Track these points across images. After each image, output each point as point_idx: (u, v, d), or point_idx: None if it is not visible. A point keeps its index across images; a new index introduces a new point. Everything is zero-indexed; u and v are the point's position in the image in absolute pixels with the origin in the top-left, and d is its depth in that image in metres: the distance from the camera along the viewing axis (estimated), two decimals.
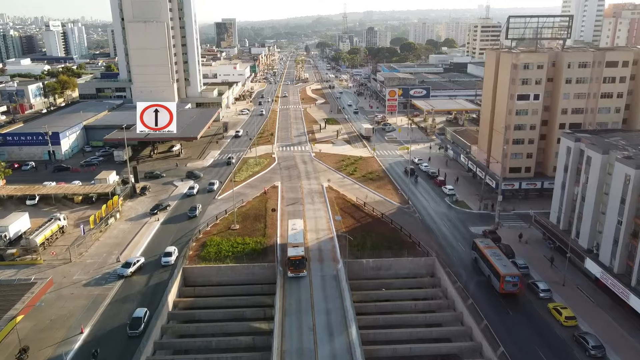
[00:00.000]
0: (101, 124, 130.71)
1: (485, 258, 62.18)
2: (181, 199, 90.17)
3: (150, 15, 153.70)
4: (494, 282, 59.21)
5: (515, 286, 56.88)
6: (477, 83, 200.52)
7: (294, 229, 69.02)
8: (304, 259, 61.34)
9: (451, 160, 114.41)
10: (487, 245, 64.50)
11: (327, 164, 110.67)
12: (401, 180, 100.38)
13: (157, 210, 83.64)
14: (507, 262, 59.54)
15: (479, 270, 64.66)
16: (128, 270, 62.79)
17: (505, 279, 56.72)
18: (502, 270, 57.58)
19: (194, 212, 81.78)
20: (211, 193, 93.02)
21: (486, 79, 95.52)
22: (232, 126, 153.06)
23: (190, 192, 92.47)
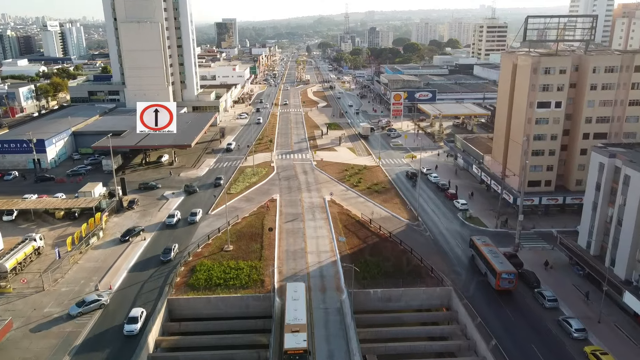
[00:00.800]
0: (91, 130, 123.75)
1: (482, 255, 62.69)
2: (159, 230, 76.65)
3: (144, 15, 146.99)
4: (490, 279, 59.93)
5: (511, 283, 57.93)
6: (485, 86, 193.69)
7: (294, 297, 51.96)
8: (306, 353, 45.20)
9: (461, 169, 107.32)
10: (485, 242, 65.01)
11: (330, 174, 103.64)
12: (409, 192, 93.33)
13: (128, 236, 73.17)
14: (503, 260, 60.30)
15: (476, 269, 64.58)
16: (79, 309, 54.14)
17: (502, 276, 57.53)
18: (498, 267, 58.30)
19: (168, 255, 66.81)
20: (192, 225, 78.21)
21: (501, 84, 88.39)
22: (229, 131, 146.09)
23: (170, 222, 78.21)
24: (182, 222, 79.58)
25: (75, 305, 54.97)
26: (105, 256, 68.31)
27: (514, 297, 58.32)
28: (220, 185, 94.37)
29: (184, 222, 79.72)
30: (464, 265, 66.28)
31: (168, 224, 78.36)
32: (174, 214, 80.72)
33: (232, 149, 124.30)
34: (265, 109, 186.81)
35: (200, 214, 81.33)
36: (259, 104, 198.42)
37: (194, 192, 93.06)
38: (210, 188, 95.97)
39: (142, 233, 75.25)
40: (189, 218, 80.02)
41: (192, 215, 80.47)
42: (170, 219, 79.15)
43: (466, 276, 63.27)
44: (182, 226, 78.39)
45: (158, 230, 77.17)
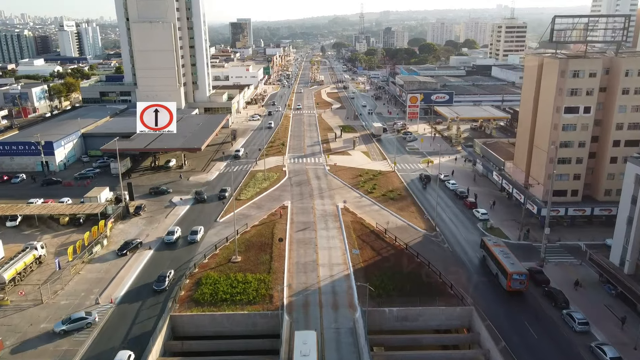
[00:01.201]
0: (101, 132, 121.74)
1: (493, 256, 62.27)
2: (157, 251, 70.04)
3: (156, 15, 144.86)
4: (502, 279, 59.44)
5: (523, 284, 57.42)
6: (504, 87, 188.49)
7: (304, 353, 43.39)
8: None
9: (480, 176, 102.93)
10: (495, 243, 64.85)
11: (343, 180, 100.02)
12: (426, 200, 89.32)
13: (126, 250, 68.59)
14: (514, 260, 59.69)
15: (487, 270, 63.99)
16: (63, 327, 51.06)
17: (513, 277, 57.16)
18: (510, 268, 57.93)
19: (162, 284, 59.35)
20: (193, 245, 71.60)
21: (525, 87, 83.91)
22: (241, 134, 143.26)
23: (169, 240, 71.14)
24: (182, 241, 72.18)
25: (61, 322, 52.07)
26: (108, 266, 65.56)
27: (540, 318, 54.14)
28: (225, 198, 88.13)
29: (183, 240, 72.46)
30: (487, 282, 62.15)
31: (167, 241, 71.11)
32: (174, 230, 73.23)
33: (240, 155, 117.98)
34: (277, 112, 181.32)
35: (201, 232, 73.53)
36: (271, 106, 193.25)
37: (203, 201, 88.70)
38: (219, 192, 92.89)
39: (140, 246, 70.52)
40: (189, 237, 71.82)
41: (192, 234, 72.35)
42: (170, 236, 71.89)
43: (488, 294, 59.18)
44: (181, 245, 71.37)
45: (155, 249, 74.24)
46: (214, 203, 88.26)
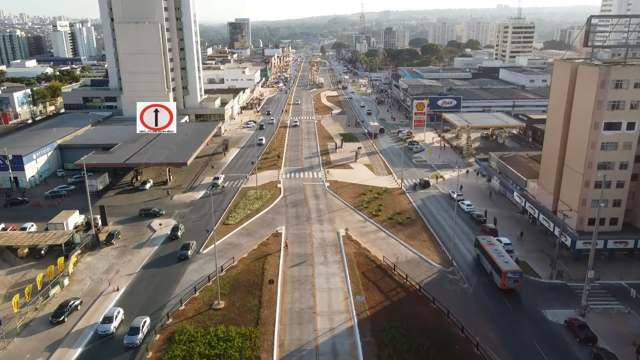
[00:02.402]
0: (79, 143, 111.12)
1: (487, 255, 62.41)
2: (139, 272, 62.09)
3: (143, 15, 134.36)
4: (496, 278, 59.84)
5: (517, 282, 57.97)
6: (514, 92, 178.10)
7: None
8: None
9: (497, 194, 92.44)
10: (489, 242, 64.65)
11: (345, 199, 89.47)
12: (438, 224, 78.81)
13: (63, 316, 52.96)
14: (508, 259, 60.13)
15: (482, 269, 64.04)
16: None
17: (507, 275, 57.60)
18: (504, 266, 58.35)
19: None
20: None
21: (554, 99, 73.28)
22: (233, 143, 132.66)
23: (105, 331, 51.07)
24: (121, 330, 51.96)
25: None
26: (36, 344, 54.68)
27: None
28: (187, 258, 67.34)
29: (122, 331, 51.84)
30: (516, 334, 51.58)
31: (102, 333, 50.79)
32: (113, 315, 52.28)
33: (218, 184, 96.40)
34: (271, 124, 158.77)
35: (144, 326, 51.30)
36: (265, 116, 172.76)
37: (176, 238, 73.52)
38: (206, 215, 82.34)
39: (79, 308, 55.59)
40: (125, 339, 49.62)
41: (130, 335, 49.87)
42: (106, 325, 51.18)
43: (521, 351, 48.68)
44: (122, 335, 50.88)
45: (138, 271, 63.79)
46: (200, 227, 77.61)
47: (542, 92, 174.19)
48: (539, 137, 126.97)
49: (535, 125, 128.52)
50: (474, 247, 68.39)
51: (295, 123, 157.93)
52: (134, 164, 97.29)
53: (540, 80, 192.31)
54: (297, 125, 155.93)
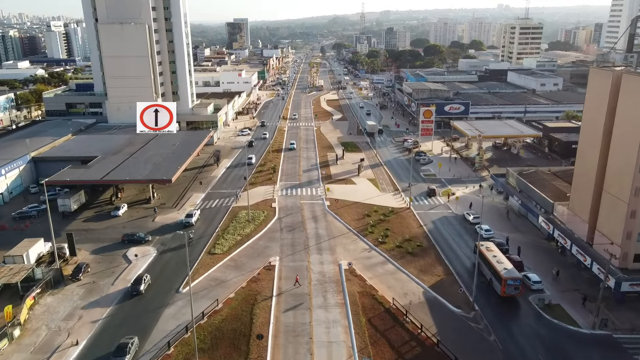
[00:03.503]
0: (56, 155, 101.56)
1: (486, 261, 61.11)
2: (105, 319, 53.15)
3: (129, 15, 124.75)
4: (495, 285, 58.46)
5: (517, 289, 56.52)
6: (525, 96, 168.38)
7: None
8: None
9: (517, 215, 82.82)
10: (488, 248, 63.09)
11: (347, 222, 79.77)
12: (453, 254, 69.26)
13: None
14: (508, 265, 58.70)
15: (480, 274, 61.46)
16: None
17: (507, 282, 56.20)
18: (504, 273, 56.89)
19: None
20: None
21: (589, 112, 63.56)
22: (226, 153, 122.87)
23: None
24: None
25: None
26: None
27: None
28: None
29: None
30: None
31: None
32: None
33: (192, 223, 79.29)
34: (261, 141, 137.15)
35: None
36: (259, 128, 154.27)
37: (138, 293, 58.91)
38: (191, 241, 72.66)
39: None
40: None
41: None
42: None
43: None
44: None
45: (104, 318, 54.13)
46: (178, 257, 67.91)
47: (555, 97, 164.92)
48: (555, 148, 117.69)
49: (552, 134, 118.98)
50: (473, 254, 66.04)
51: (292, 146, 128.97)
52: (112, 180, 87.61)
53: (552, 83, 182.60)
54: (294, 148, 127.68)
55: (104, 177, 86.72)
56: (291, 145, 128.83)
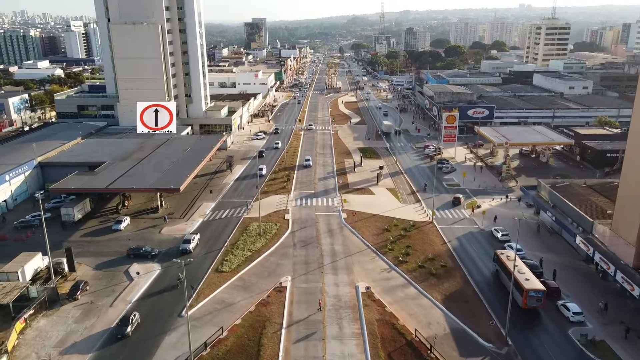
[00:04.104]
0: (63, 161, 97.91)
1: (507, 271, 57.86)
2: None
3: (141, 15, 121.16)
4: (517, 296, 54.44)
5: (539, 301, 53.67)
6: (553, 100, 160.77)
7: None
8: None
9: (549, 232, 76.39)
10: (509, 258, 59.28)
11: (365, 237, 74.32)
12: (482, 277, 63.29)
13: None
14: (530, 276, 56.06)
15: (500, 284, 60.08)
16: None
17: (529, 294, 53.45)
18: (525, 284, 54.08)
19: None
20: None
21: (639, 120, 57.12)
22: (239, 158, 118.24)
23: None
24: None
25: None
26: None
27: None
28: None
29: None
30: None
31: None
32: None
33: (190, 250, 69.11)
34: (272, 151, 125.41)
35: None
36: (272, 135, 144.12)
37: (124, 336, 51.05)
38: (197, 257, 67.98)
39: None
40: None
41: None
42: None
43: None
44: None
45: (98, 346, 49.60)
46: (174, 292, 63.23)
47: (585, 101, 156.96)
48: (588, 157, 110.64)
49: (584, 142, 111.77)
50: (492, 262, 64.10)
51: (308, 162, 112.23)
52: (118, 189, 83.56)
53: (581, 87, 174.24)
54: (310, 165, 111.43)
55: (110, 185, 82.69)
56: (307, 162, 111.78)
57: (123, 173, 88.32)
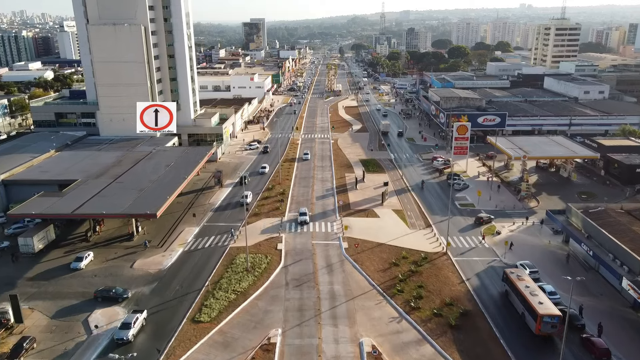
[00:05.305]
0: (30, 178, 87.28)
1: (518, 292, 53.78)
2: None
3: (123, 15, 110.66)
4: (529, 320, 50.99)
5: (555, 327, 49.04)
6: (569, 106, 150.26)
7: None
8: None
9: (586, 268, 65.79)
10: (519, 277, 55.75)
11: (369, 274, 63.76)
12: (507, 327, 52.69)
13: None
14: (544, 299, 51.35)
15: (509, 305, 55.13)
16: None
17: (543, 320, 48.88)
18: (539, 309, 49.46)
19: None
20: None
21: None
22: (229, 173, 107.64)
23: None
24: None
25: None
26: None
27: None
28: None
29: None
30: None
31: None
32: None
33: (127, 338, 49.97)
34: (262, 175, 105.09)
35: None
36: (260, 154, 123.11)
37: None
38: (174, 300, 57.53)
39: None
40: None
41: None
42: None
43: None
44: None
45: None
46: (153, 332, 52.64)
47: (602, 107, 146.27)
48: (614, 171, 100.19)
49: (609, 155, 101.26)
50: (502, 281, 59.51)
51: (304, 217, 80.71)
52: (85, 214, 72.85)
53: (597, 91, 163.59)
54: (305, 214, 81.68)
55: (77, 209, 71.99)
56: (302, 217, 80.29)
57: (95, 194, 77.76)
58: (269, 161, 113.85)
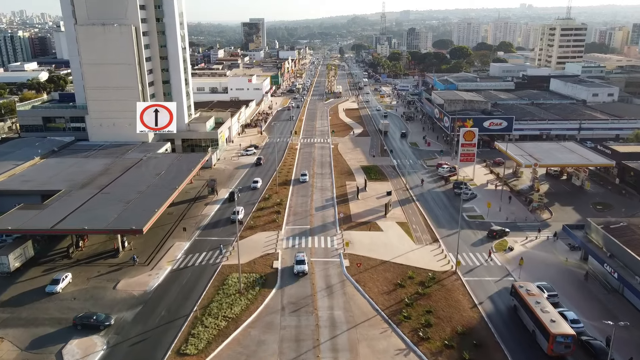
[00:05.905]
0: (12, 188, 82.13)
1: (527, 308, 50.83)
2: None
3: (113, 15, 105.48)
4: (540, 340, 48.07)
5: (569, 347, 46.21)
6: (578, 110, 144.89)
7: None
8: None
9: (609, 291, 60.49)
10: (529, 292, 52.70)
11: (372, 296, 58.53)
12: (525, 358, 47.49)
13: None
14: (556, 317, 48.30)
15: (519, 322, 52.15)
16: None
17: (556, 339, 45.91)
18: (552, 328, 46.43)
19: None
20: None
21: None
22: (224, 181, 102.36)
23: None
24: None
25: None
26: None
27: None
28: None
29: None
30: None
31: None
32: None
33: None
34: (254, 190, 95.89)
35: None
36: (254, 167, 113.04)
37: None
38: (158, 329, 52.35)
39: None
40: None
41: None
42: None
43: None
44: None
45: None
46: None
47: (612, 110, 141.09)
48: (630, 180, 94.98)
49: (625, 162, 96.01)
50: (510, 295, 56.56)
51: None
52: (65, 230, 67.63)
53: (606, 93, 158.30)
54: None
55: (57, 224, 66.71)
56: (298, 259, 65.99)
57: (78, 206, 72.54)
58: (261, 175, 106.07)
